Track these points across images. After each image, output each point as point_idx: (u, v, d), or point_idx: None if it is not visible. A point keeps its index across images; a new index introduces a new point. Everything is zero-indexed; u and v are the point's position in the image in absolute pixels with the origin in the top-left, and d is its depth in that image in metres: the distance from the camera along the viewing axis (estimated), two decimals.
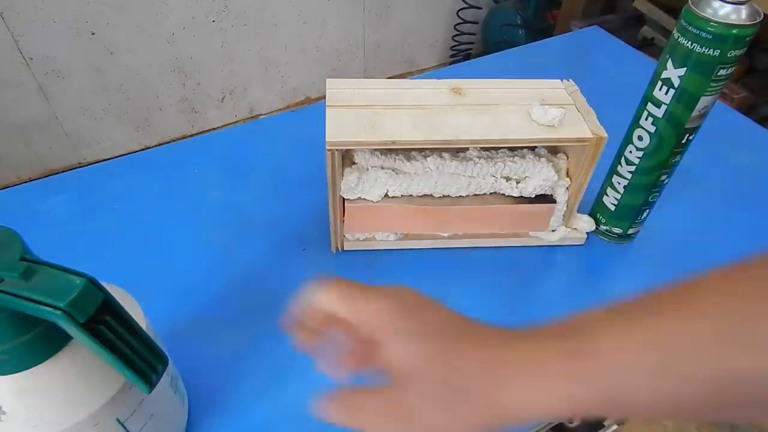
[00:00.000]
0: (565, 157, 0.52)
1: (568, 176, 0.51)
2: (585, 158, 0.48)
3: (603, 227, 0.55)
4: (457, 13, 2.02)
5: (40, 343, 0.28)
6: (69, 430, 0.29)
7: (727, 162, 0.65)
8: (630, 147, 0.49)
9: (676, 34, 0.42)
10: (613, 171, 0.52)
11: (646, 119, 0.47)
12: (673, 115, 0.45)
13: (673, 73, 0.43)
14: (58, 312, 0.25)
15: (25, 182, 0.62)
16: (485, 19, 2.07)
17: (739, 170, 0.64)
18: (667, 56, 0.43)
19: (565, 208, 0.52)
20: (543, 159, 0.51)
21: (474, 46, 2.13)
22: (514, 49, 0.86)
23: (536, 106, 0.48)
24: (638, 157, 0.49)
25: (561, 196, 0.51)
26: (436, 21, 2.06)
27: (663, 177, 0.50)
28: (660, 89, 0.45)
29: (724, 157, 0.66)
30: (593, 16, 1.73)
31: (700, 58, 0.41)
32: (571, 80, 0.53)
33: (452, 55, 2.15)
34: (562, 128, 0.47)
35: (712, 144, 0.53)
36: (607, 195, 0.54)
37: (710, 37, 0.40)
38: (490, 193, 0.52)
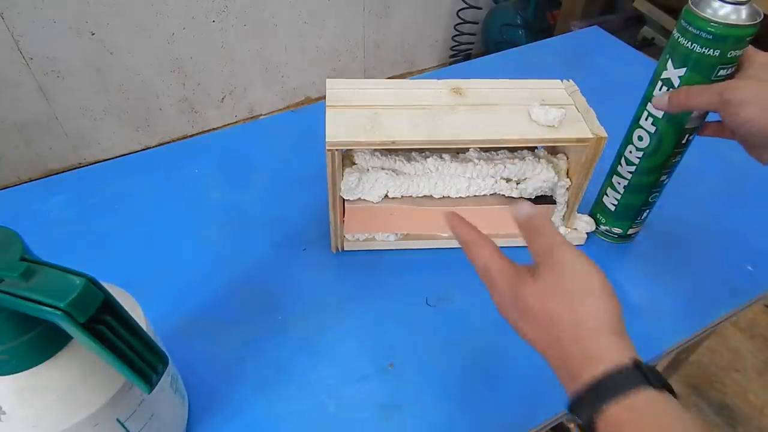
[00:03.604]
0: (565, 158, 0.52)
1: (568, 176, 0.51)
2: (585, 158, 0.48)
3: (603, 227, 0.55)
4: (457, 13, 2.02)
5: (40, 343, 0.28)
6: (69, 430, 0.29)
7: (727, 162, 0.65)
8: (630, 147, 0.49)
9: (676, 34, 0.42)
10: (613, 171, 0.52)
11: (646, 119, 0.47)
12: (673, 115, 0.45)
13: (673, 73, 0.43)
14: (58, 312, 0.25)
15: (25, 182, 0.62)
16: (485, 19, 2.07)
17: (739, 170, 0.64)
18: (667, 56, 0.43)
19: (565, 209, 0.52)
20: (543, 160, 0.51)
21: (474, 46, 2.13)
22: (514, 49, 0.86)
23: (536, 106, 0.48)
24: (638, 158, 0.49)
25: (561, 197, 0.51)
26: (436, 21, 2.06)
27: (663, 177, 0.50)
28: (660, 89, 0.44)
29: (723, 158, 0.65)
30: (593, 16, 1.73)
31: (700, 58, 0.41)
32: (571, 80, 0.53)
33: (452, 55, 2.15)
34: (562, 128, 0.47)
35: (712, 144, 0.52)
36: (607, 195, 0.53)
37: (710, 37, 0.40)
38: (490, 194, 0.52)
